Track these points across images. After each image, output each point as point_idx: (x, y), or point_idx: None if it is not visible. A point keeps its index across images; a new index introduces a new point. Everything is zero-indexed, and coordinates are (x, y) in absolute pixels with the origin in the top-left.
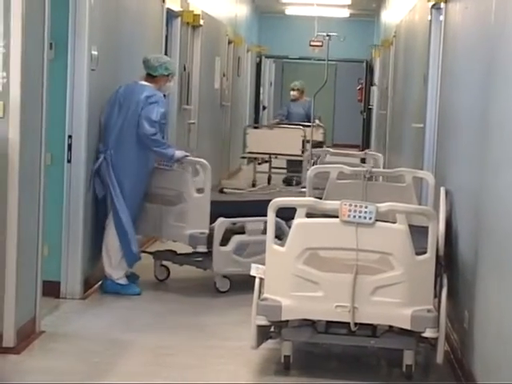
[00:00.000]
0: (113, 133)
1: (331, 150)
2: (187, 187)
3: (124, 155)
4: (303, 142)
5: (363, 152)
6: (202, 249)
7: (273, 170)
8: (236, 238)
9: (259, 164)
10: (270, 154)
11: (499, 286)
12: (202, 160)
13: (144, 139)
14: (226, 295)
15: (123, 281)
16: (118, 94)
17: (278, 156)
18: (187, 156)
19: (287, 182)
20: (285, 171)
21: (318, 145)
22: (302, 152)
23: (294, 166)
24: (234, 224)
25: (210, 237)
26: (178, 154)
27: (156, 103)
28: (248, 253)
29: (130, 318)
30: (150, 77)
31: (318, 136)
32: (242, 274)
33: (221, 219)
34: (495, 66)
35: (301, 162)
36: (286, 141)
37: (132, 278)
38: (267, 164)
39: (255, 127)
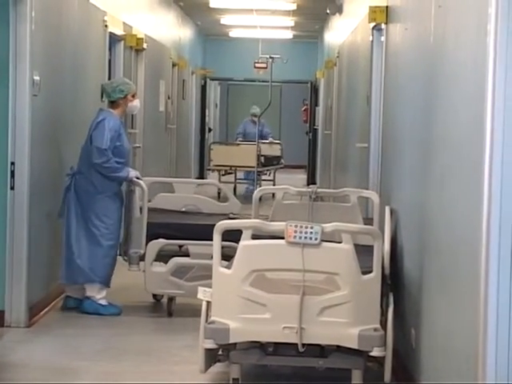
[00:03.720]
0: (81, 159)
1: None
2: (133, 208)
3: (88, 180)
4: (258, 156)
5: None
6: (135, 268)
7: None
8: (174, 260)
9: (223, 175)
10: (231, 166)
11: (444, 302)
12: (140, 182)
13: (97, 168)
14: (173, 319)
15: (104, 301)
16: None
17: (238, 168)
18: (138, 177)
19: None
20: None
21: (275, 159)
22: (258, 165)
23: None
24: (181, 247)
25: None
26: (132, 173)
27: (104, 128)
28: (193, 276)
29: (77, 345)
30: (111, 103)
31: (277, 151)
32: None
33: (160, 240)
34: (435, 84)
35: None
36: (244, 155)
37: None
38: (228, 175)
39: (218, 143)
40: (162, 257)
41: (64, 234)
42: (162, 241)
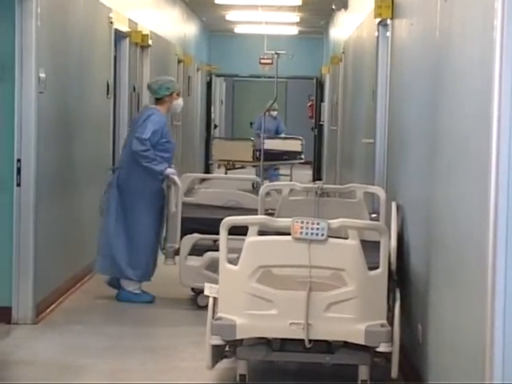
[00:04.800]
0: (123, 154)
1: None
2: (170, 203)
3: (129, 175)
4: (253, 151)
5: None
6: (171, 262)
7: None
8: (208, 254)
9: (228, 169)
10: (228, 160)
11: (451, 298)
12: (175, 178)
13: (135, 156)
14: (180, 314)
15: (137, 290)
16: (133, 117)
17: (235, 162)
18: (174, 174)
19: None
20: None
21: (287, 154)
22: (253, 159)
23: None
24: (216, 241)
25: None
26: (169, 171)
27: (149, 122)
28: None
29: (84, 343)
30: (156, 100)
31: (298, 147)
32: None
33: (195, 235)
34: (441, 78)
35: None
36: (239, 150)
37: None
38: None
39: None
40: (197, 251)
41: (104, 226)
42: (196, 235)
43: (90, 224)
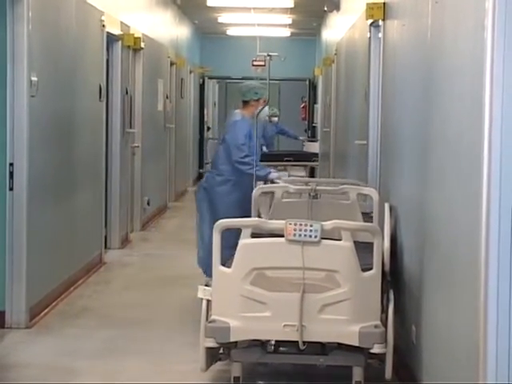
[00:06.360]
0: (214, 158)
1: None
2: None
3: (214, 178)
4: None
5: None
6: None
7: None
8: None
9: None
10: None
11: (445, 299)
12: (280, 182)
13: (237, 166)
14: (175, 317)
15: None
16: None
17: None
18: (278, 178)
19: None
20: None
21: (315, 155)
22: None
23: None
24: None
25: None
26: (274, 174)
27: (237, 128)
28: None
29: (78, 346)
30: (243, 103)
31: (316, 148)
32: None
33: None
34: (433, 79)
35: None
36: None
37: None
38: None
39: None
40: None
41: (198, 226)
42: None
43: (83, 227)
